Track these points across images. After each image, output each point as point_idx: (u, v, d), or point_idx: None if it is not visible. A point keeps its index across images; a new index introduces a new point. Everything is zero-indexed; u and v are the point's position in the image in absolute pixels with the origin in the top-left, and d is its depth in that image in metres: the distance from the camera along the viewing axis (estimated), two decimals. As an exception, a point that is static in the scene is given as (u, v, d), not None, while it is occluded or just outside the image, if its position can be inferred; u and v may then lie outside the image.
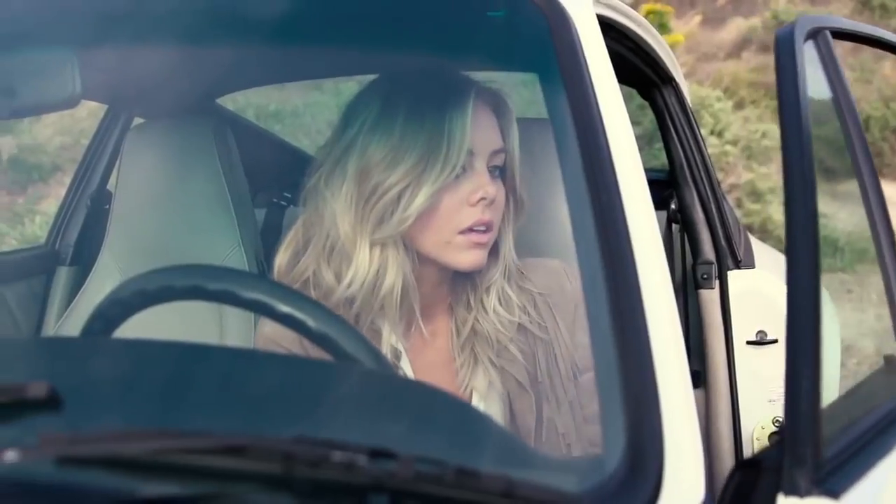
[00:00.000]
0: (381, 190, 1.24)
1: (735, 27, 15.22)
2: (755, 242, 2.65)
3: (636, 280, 0.86)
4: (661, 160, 2.17)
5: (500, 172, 1.31)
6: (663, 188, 1.97)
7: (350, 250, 1.25)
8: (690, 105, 2.19)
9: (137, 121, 2.29)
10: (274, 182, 2.66)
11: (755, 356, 1.77)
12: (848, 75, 1.18)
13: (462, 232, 1.26)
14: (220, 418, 0.72)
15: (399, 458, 0.64)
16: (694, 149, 1.88)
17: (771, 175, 6.57)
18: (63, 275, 2.25)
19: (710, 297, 1.80)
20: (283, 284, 1.00)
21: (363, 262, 1.25)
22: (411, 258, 1.27)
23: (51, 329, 2.15)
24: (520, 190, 1.34)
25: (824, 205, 7.83)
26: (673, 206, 1.90)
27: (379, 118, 1.26)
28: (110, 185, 2.27)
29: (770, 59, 10.26)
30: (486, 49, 1.26)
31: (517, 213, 1.35)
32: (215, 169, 1.90)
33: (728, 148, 6.24)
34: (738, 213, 6.30)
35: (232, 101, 7.39)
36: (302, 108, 6.99)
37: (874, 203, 1.05)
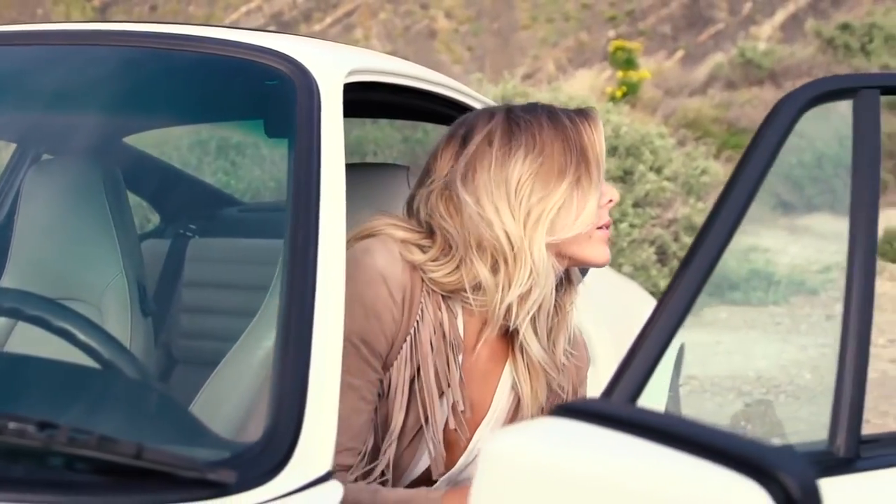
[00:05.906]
0: (550, 202, 1.39)
1: (713, 63, 15.51)
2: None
3: (313, 296, 1.09)
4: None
5: None
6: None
7: (521, 254, 1.39)
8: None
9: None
10: (180, 214, 2.90)
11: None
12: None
13: (599, 227, 1.47)
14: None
15: (59, 428, 0.87)
16: None
17: (707, 210, 6.78)
18: (-30, 298, 2.45)
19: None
20: (57, 303, 1.23)
21: (540, 260, 1.39)
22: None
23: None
24: None
25: (773, 238, 8.06)
26: None
27: (509, 138, 1.42)
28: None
29: (734, 96, 10.48)
30: (260, 109, 1.51)
31: None
32: (102, 205, 2.13)
33: (666, 184, 6.51)
34: (674, 246, 6.55)
35: (196, 134, 7.59)
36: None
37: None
